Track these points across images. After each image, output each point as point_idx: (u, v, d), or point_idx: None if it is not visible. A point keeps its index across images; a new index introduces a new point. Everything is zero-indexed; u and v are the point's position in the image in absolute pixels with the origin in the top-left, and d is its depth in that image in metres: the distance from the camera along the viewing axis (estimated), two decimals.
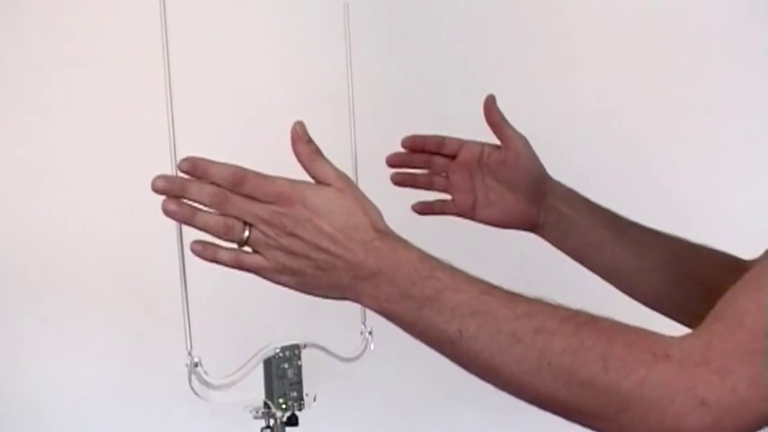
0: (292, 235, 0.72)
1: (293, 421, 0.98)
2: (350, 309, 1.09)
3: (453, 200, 1.05)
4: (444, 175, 1.06)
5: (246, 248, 0.74)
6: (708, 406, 0.61)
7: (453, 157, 1.05)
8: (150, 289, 1.31)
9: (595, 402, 0.64)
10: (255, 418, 0.98)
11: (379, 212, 0.76)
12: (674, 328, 0.74)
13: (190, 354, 0.90)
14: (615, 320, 0.67)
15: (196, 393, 0.91)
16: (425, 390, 1.49)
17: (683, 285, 0.99)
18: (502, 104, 1.01)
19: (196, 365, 0.91)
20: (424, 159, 1.06)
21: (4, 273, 1.30)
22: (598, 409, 0.64)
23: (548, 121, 1.49)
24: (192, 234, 0.92)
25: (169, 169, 0.89)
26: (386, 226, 0.76)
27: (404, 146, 1.06)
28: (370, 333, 1.07)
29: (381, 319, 1.09)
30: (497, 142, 1.03)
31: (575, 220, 1.02)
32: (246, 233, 0.73)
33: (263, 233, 0.73)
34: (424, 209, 1.07)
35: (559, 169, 1.06)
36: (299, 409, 0.98)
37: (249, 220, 0.73)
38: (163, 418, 1.35)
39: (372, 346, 1.07)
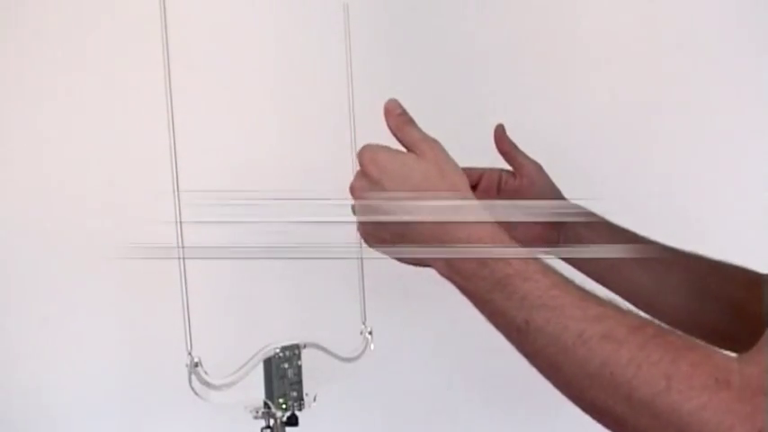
0: (362, 199, 0.73)
1: (293, 421, 0.98)
2: (350, 309, 1.09)
3: None
4: None
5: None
6: None
7: (474, 187, 1.04)
8: (150, 289, 1.30)
9: (652, 422, 0.61)
10: (255, 418, 0.98)
11: (462, 177, 0.74)
12: None
13: (190, 354, 0.90)
14: (682, 335, 0.65)
15: (196, 393, 0.91)
16: (425, 390, 1.48)
17: (705, 304, 0.98)
18: (502, 104, 1.01)
19: (196, 365, 0.91)
20: None
21: (4, 272, 1.30)
22: (653, 430, 0.61)
23: (547, 121, 1.48)
24: (190, 234, 0.93)
25: (169, 167, 0.89)
26: (467, 191, 0.73)
27: None
28: (370, 333, 1.07)
29: (381, 319, 1.09)
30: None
31: (594, 243, 1.01)
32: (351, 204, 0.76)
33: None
34: None
35: (561, 172, 1.06)
36: (299, 409, 0.98)
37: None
38: (163, 418, 1.35)
39: (372, 346, 1.07)
